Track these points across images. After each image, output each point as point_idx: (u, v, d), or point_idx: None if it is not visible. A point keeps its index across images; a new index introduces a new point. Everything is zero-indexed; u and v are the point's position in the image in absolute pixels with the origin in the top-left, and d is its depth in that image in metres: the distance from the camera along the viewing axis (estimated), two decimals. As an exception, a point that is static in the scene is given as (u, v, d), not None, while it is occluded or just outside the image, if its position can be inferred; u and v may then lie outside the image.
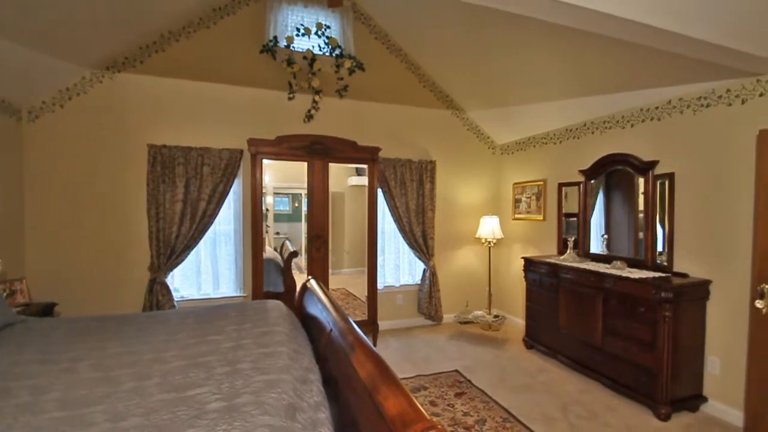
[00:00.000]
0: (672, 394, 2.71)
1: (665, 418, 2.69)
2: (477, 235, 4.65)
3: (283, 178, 4.51)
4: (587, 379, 3.29)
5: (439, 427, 0.92)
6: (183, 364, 1.70)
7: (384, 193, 4.45)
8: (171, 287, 3.61)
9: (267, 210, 4.30)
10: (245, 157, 3.85)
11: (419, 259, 4.66)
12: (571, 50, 3.03)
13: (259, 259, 3.69)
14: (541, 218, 4.43)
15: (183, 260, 3.65)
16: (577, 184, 3.88)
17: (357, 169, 4.56)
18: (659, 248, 3.14)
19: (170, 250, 3.57)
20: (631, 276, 2.95)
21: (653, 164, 3.17)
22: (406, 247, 4.69)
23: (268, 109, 4.05)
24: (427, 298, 4.64)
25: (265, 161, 3.70)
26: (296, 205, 4.77)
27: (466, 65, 3.96)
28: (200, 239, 3.70)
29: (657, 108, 3.20)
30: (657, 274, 2.99)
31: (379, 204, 4.21)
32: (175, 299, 3.62)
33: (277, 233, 4.63)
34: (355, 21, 4.20)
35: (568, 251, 3.80)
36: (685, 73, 2.75)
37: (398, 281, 4.74)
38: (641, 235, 3.28)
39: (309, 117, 4.13)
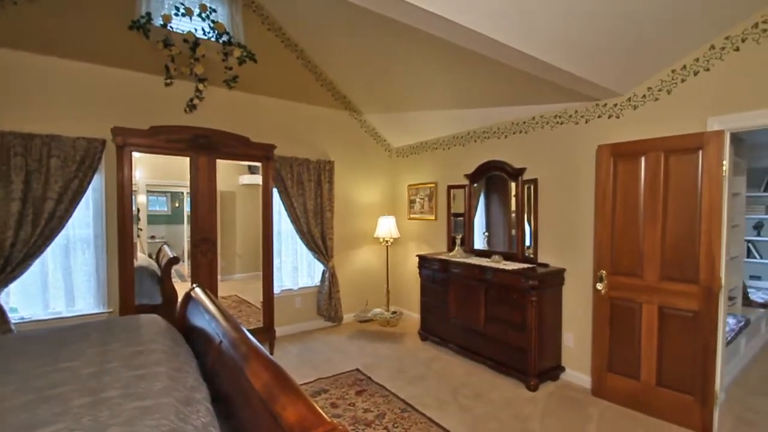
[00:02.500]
0: (539, 368, 3.15)
1: (534, 388, 3.11)
2: (375, 235, 4.76)
3: (159, 174, 3.97)
4: (474, 363, 3.62)
5: (340, 428, 0.91)
6: (28, 399, 1.36)
7: (280, 192, 4.26)
8: (6, 307, 2.88)
9: (139, 211, 3.74)
10: (109, 149, 3.29)
11: (318, 260, 4.57)
12: (454, 66, 3.29)
13: (128, 267, 3.18)
14: (433, 218, 4.74)
15: (23, 273, 2.94)
16: (463, 186, 4.26)
17: (250, 167, 4.26)
18: (527, 243, 3.62)
19: (3, 261, 2.85)
20: (506, 268, 3.35)
21: (522, 171, 3.64)
22: (304, 248, 4.56)
23: (139, 95, 3.52)
24: (327, 300, 4.58)
25: (136, 154, 3.21)
26: (176, 205, 4.24)
27: (363, 69, 4.02)
28: (47, 246, 3.02)
29: (524, 122, 3.69)
30: (526, 266, 3.44)
31: (275, 204, 4.00)
32: (13, 322, 2.89)
33: (153, 237, 4.05)
34: (247, 9, 3.93)
35: (456, 248, 4.13)
36: (545, 94, 3.22)
37: (296, 284, 4.58)
38: (514, 232, 3.74)
39: (191, 107, 3.72)
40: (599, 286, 2.97)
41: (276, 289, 4.12)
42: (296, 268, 4.59)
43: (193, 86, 3.69)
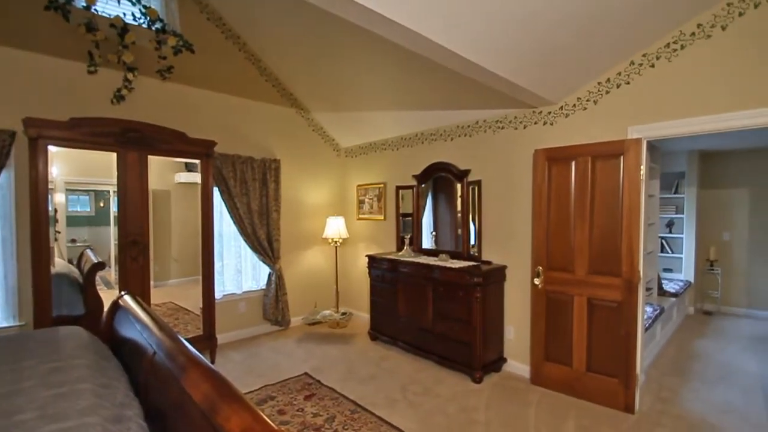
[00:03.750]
0: (484, 360, 3.29)
1: (479, 380, 3.24)
2: (324, 236, 4.68)
3: (81, 171, 3.58)
4: (423, 359, 3.69)
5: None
6: None
7: (221, 192, 4.04)
8: None
9: (56, 211, 3.35)
10: (21, 143, 2.91)
11: (264, 262, 4.40)
12: (403, 68, 3.32)
13: (44, 274, 2.83)
14: (382, 218, 4.77)
15: None
16: (411, 187, 4.33)
17: (187, 164, 3.99)
18: (472, 242, 3.77)
19: None
20: (453, 266, 3.45)
21: (467, 172, 3.79)
22: (249, 250, 4.36)
23: (58, 83, 3.16)
24: (274, 303, 4.42)
25: (52, 149, 2.87)
26: (102, 205, 3.85)
27: (311, 66, 3.93)
28: (-62, 253, 2.60)
29: (469, 126, 3.83)
30: (471, 263, 3.58)
31: (216, 204, 3.79)
32: None
33: (73, 241, 3.64)
34: (184, -5, 3.67)
35: (405, 248, 4.19)
36: (488, 100, 3.37)
37: (240, 288, 4.37)
38: (459, 231, 3.87)
39: (119, 98, 3.41)
40: (536, 281, 3.16)
41: (217, 294, 3.90)
42: (240, 271, 4.38)
43: (121, 75, 3.38)
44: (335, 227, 4.57)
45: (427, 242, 4.23)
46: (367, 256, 4.36)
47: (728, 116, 2.39)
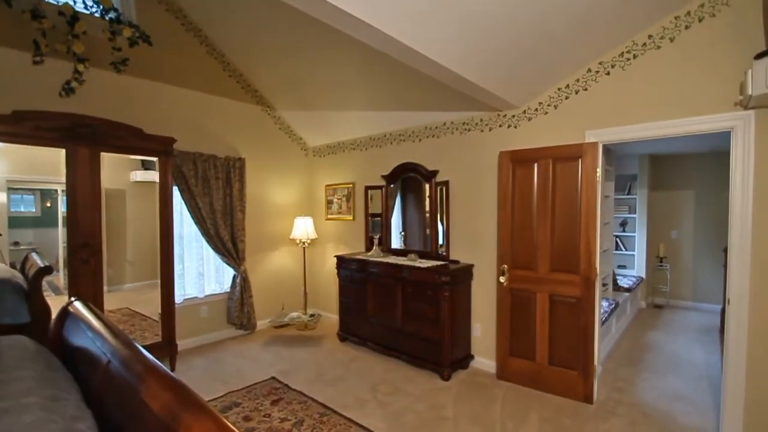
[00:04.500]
0: (452, 358, 3.34)
1: (448, 378, 3.28)
2: (291, 236, 4.60)
3: (25, 168, 3.31)
4: (392, 359, 3.70)
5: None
6: None
7: (182, 191, 3.87)
8: None
9: (-3, 212, 3.09)
10: (-47, 136, 2.65)
11: (228, 264, 4.25)
12: (372, 69, 3.32)
13: (-18, 281, 2.59)
14: (351, 218, 4.74)
15: None
16: (380, 187, 4.34)
17: (144, 162, 3.79)
18: (440, 241, 3.82)
19: None
20: (421, 266, 3.49)
21: (435, 173, 3.84)
22: (212, 252, 4.21)
23: (-3, 72, 2.91)
24: (239, 306, 4.29)
25: (-8, 143, 2.64)
26: (48, 205, 3.57)
27: (277, 63, 3.84)
28: None
29: (437, 127, 3.89)
30: (439, 263, 3.63)
31: (176, 204, 3.62)
32: None
33: (16, 243, 3.36)
34: (141, -16, 3.49)
35: (374, 248, 4.19)
36: (455, 102, 3.43)
37: (202, 291, 4.20)
38: (428, 231, 3.92)
39: (68, 90, 3.18)
40: (502, 279, 3.25)
41: (178, 299, 3.73)
42: (202, 274, 4.21)
43: (71, 66, 3.16)
44: (303, 227, 4.50)
45: (396, 242, 4.25)
46: (335, 256, 4.32)
47: (675, 123, 2.57)
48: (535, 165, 3.10)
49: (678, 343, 4.21)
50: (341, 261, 4.22)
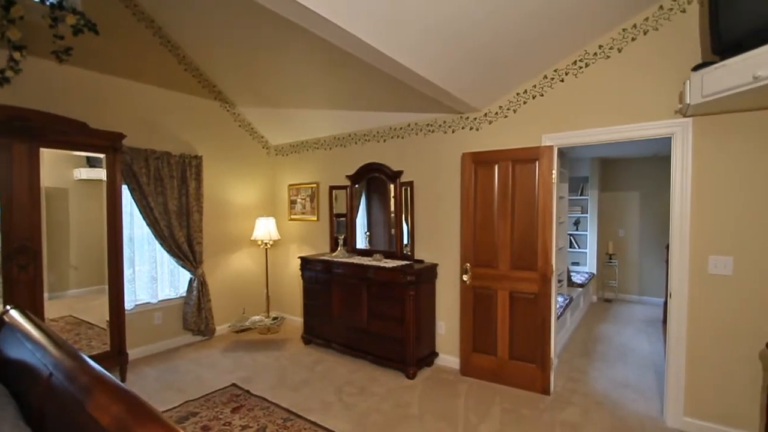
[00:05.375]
0: (417, 356, 3.37)
1: (413, 376, 3.31)
2: (253, 237, 4.46)
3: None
4: (358, 360, 3.68)
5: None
6: None
7: (132, 190, 3.64)
8: None
9: None
10: None
11: (184, 267, 4.05)
12: (337, 68, 3.28)
13: None
14: (315, 219, 4.67)
15: None
16: (345, 187, 4.30)
17: (89, 159, 3.53)
18: (405, 241, 3.85)
19: None
20: (387, 266, 3.50)
21: (400, 173, 3.86)
22: (165, 255, 3.99)
23: None
24: (196, 311, 4.10)
25: None
26: (-21, 205, 3.25)
27: (236, 58, 3.71)
28: None
29: (401, 128, 3.92)
30: (404, 262, 3.66)
31: (126, 204, 3.40)
32: None
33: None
34: (86, -32, 3.25)
35: (339, 248, 4.15)
36: (419, 104, 3.47)
37: (156, 296, 3.98)
38: (393, 231, 3.93)
39: (3, 80, 2.90)
40: (465, 277, 3.33)
41: (128, 305, 3.51)
42: (155, 278, 3.99)
43: (5, 54, 2.89)
44: (265, 228, 4.38)
45: (361, 242, 4.23)
46: (299, 257, 4.23)
47: (622, 128, 2.74)
48: (496, 166, 3.20)
49: (626, 335, 4.50)
50: (305, 262, 4.15)
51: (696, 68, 2.17)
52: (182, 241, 3.97)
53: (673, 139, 2.57)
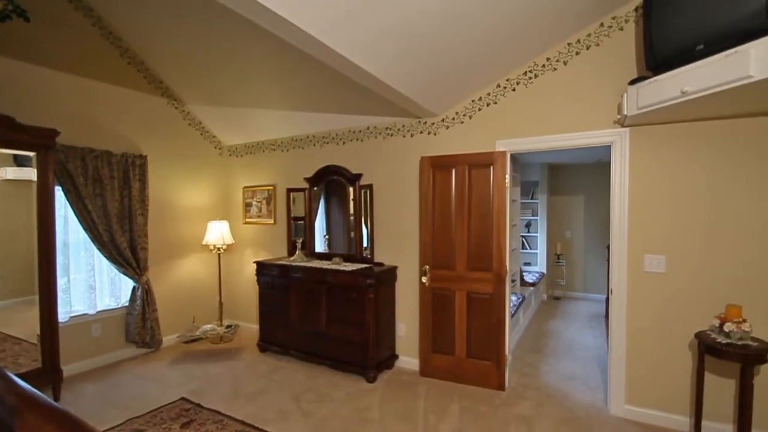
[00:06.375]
0: (377, 359, 3.37)
1: (373, 379, 3.30)
2: (204, 242, 4.24)
3: None
4: (317, 366, 3.61)
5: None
6: None
7: (67, 192, 3.34)
8: None
9: None
10: None
11: (126, 275, 3.77)
12: (295, 68, 3.20)
13: None
14: (272, 222, 4.54)
15: None
16: (303, 190, 4.22)
17: (16, 157, 3.19)
18: (365, 244, 3.84)
19: None
20: (346, 269, 3.47)
21: (359, 176, 3.85)
22: (105, 262, 3.70)
23: None
24: (140, 322, 3.82)
25: None
26: None
27: (186, 53, 3.50)
28: None
29: (360, 131, 3.91)
30: (364, 266, 3.65)
31: (59, 207, 3.11)
32: None
33: None
34: (13, -53, 2.95)
35: (297, 252, 4.06)
36: (378, 107, 3.48)
37: (94, 307, 3.67)
38: (352, 234, 3.91)
39: None
40: (424, 279, 3.38)
41: (62, 317, 3.22)
42: (93, 287, 3.68)
43: None
44: (218, 232, 4.18)
45: (320, 246, 4.16)
46: (255, 262, 4.09)
47: (567, 136, 2.91)
48: (453, 170, 3.28)
49: (573, 330, 4.78)
50: (262, 267, 4.01)
51: (632, 82, 2.35)
52: (124, 246, 3.69)
53: (612, 147, 2.78)
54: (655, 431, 2.57)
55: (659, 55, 2.17)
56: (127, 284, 3.89)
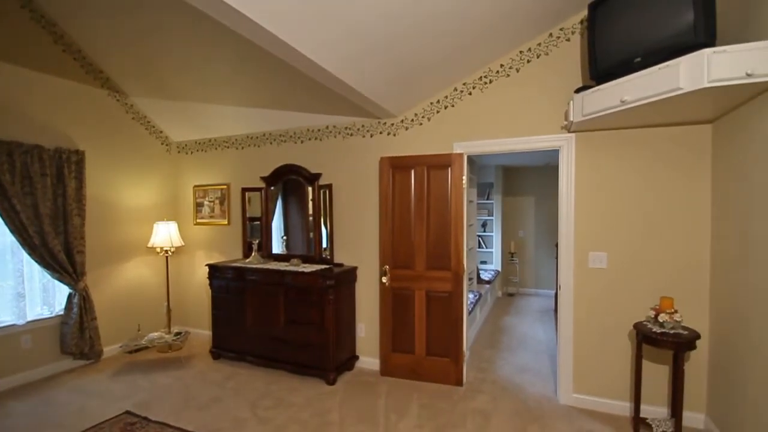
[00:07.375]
0: (337, 361, 3.33)
1: (333, 382, 3.26)
2: (150, 244, 3.97)
3: None
4: (275, 371, 3.50)
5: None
6: None
7: (-9, 191, 3.00)
8: None
9: None
10: None
11: (61, 281, 3.45)
12: (249, 63, 3.08)
13: None
14: (226, 223, 4.35)
15: None
16: (260, 189, 4.08)
17: (-73, 150, 2.83)
18: (324, 245, 3.78)
19: None
20: (305, 270, 3.40)
21: (318, 176, 3.79)
22: (36, 267, 3.36)
23: None
24: (77, 332, 3.51)
25: None
26: None
27: (129, 41, 3.25)
28: None
29: (319, 130, 3.85)
30: (323, 267, 3.59)
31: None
32: None
33: None
34: None
35: (253, 254, 3.91)
36: (337, 107, 3.44)
37: (23, 317, 3.32)
38: (311, 235, 3.84)
39: None
40: (384, 279, 3.38)
41: (-16, 329, 2.88)
42: (22, 294, 3.33)
43: None
44: (165, 234, 3.94)
45: (277, 247, 4.05)
46: (208, 265, 3.89)
47: (519, 140, 3.04)
48: (413, 171, 3.32)
49: (525, 324, 5.00)
50: (214, 270, 3.83)
51: (578, 90, 2.50)
52: (58, 250, 3.38)
53: (560, 151, 2.93)
54: (601, 417, 2.74)
55: (602, 66, 2.32)
56: (62, 291, 3.56)
